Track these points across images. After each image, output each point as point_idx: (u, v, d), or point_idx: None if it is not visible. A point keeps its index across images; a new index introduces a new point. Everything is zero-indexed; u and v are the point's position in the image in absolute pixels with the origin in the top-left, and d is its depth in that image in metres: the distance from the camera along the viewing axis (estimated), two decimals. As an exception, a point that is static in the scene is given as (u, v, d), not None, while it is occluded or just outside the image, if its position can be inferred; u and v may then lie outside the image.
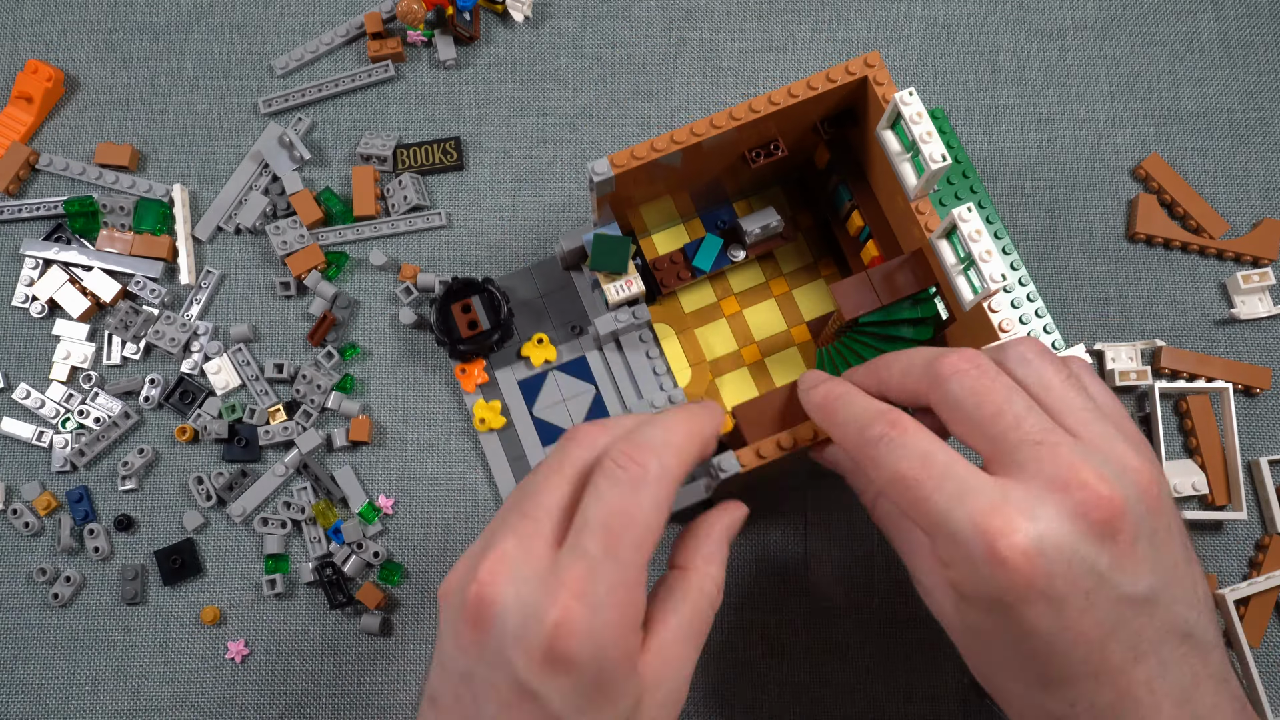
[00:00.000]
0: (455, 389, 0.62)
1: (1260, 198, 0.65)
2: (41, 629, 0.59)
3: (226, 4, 0.68)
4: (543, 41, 0.67)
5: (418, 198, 0.63)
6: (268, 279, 0.63)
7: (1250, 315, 0.62)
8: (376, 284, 0.63)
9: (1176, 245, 0.64)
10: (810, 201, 0.61)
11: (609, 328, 0.57)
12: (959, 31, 0.67)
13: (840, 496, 0.60)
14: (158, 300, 0.62)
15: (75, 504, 0.60)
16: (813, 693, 0.58)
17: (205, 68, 0.67)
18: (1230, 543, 0.60)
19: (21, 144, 0.64)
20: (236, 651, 0.58)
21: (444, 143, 0.64)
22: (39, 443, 0.61)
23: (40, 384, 0.62)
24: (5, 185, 0.63)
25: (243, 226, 0.63)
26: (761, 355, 0.60)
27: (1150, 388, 0.61)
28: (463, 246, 0.64)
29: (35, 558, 0.60)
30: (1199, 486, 0.60)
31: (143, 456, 0.60)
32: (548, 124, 0.65)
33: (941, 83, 0.66)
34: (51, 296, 0.62)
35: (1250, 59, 0.67)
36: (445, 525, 0.60)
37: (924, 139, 0.46)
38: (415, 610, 0.59)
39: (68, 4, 0.68)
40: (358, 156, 0.64)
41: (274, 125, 0.65)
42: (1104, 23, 0.67)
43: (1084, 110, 0.66)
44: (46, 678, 0.59)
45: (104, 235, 0.63)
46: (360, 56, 0.66)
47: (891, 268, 0.50)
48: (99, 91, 0.66)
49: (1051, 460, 0.35)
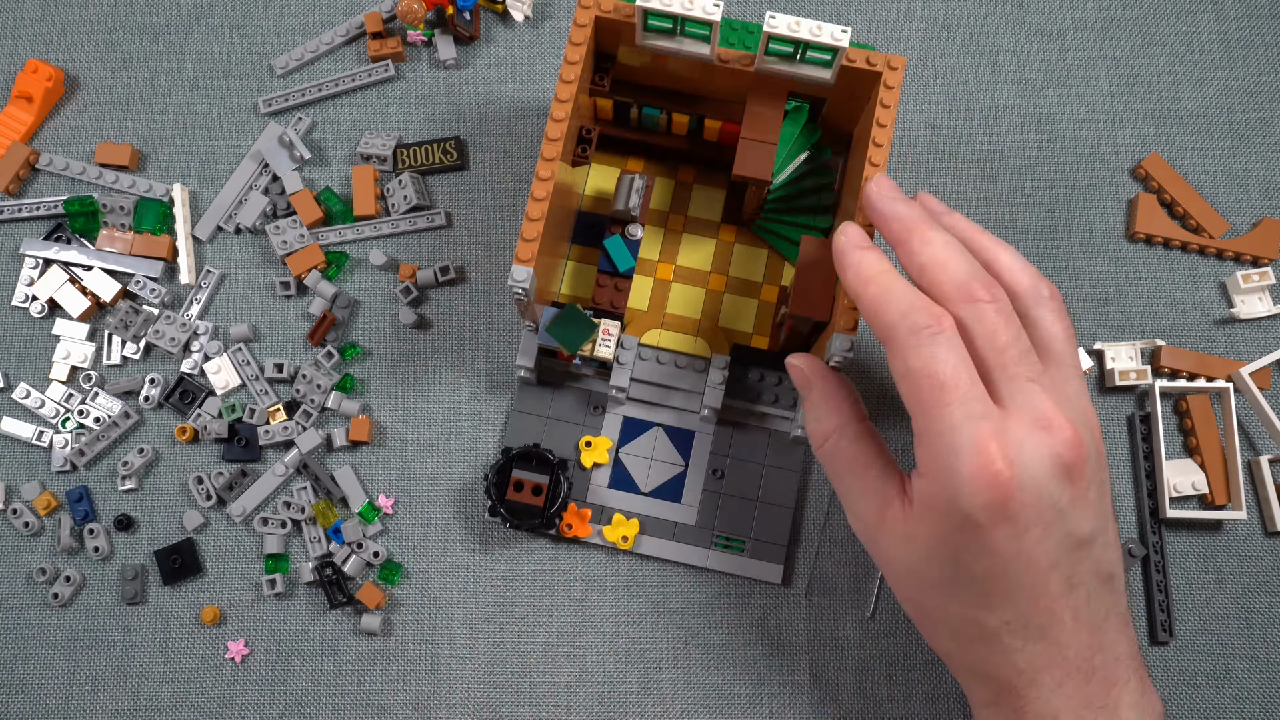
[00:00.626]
0: (455, 388, 0.62)
1: (1260, 197, 0.65)
2: (41, 629, 0.59)
3: (226, 4, 0.68)
4: (543, 41, 0.67)
5: (418, 197, 0.62)
6: (268, 279, 0.63)
7: (1250, 315, 0.62)
8: (376, 284, 0.63)
9: (1176, 245, 0.64)
10: (662, 156, 0.63)
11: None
12: (959, 31, 0.67)
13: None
14: (158, 300, 0.62)
15: (75, 504, 0.60)
16: (813, 693, 0.58)
17: (205, 68, 0.67)
18: (1230, 542, 0.60)
19: (22, 144, 0.64)
20: (236, 651, 0.58)
21: (444, 142, 0.64)
22: (39, 442, 0.61)
23: (40, 384, 0.62)
24: (5, 185, 0.63)
25: (243, 226, 0.63)
26: (722, 285, 0.62)
27: (1150, 387, 0.61)
28: (463, 246, 0.64)
29: (35, 558, 0.60)
30: (1199, 486, 0.60)
31: (143, 456, 0.60)
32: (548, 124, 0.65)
33: (941, 83, 0.66)
34: (51, 296, 0.62)
35: (1250, 59, 0.67)
36: (445, 525, 0.60)
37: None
38: (415, 610, 0.59)
39: (68, 3, 0.68)
40: (358, 156, 0.64)
41: (274, 125, 0.65)
42: (1104, 22, 0.67)
43: (1084, 110, 0.66)
44: (46, 678, 0.59)
45: (104, 235, 0.63)
46: (360, 56, 0.66)
47: (754, 114, 0.53)
48: (99, 91, 0.66)
49: (1040, 400, 0.39)
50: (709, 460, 0.59)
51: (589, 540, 0.58)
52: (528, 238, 0.48)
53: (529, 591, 0.59)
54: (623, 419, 0.60)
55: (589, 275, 0.61)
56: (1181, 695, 0.58)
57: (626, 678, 0.58)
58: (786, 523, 0.59)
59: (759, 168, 0.53)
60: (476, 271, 0.63)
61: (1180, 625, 0.59)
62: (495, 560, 0.60)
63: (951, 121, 0.66)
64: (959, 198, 0.64)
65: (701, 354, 0.60)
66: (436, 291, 0.63)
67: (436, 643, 0.59)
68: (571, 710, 0.58)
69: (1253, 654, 0.59)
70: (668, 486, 0.59)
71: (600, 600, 0.59)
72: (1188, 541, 0.60)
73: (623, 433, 0.60)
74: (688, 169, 0.63)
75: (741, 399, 0.59)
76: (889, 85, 0.49)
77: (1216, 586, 0.60)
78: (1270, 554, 0.60)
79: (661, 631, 0.59)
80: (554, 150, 0.49)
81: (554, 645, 0.59)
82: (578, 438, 0.59)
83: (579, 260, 0.61)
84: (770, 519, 0.59)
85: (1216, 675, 0.59)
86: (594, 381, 0.60)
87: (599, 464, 0.59)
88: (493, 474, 0.56)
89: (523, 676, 0.58)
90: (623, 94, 0.57)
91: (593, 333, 0.55)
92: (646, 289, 0.61)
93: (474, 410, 0.61)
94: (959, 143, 0.65)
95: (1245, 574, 0.60)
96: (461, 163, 0.64)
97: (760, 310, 0.61)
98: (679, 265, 0.62)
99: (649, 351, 0.59)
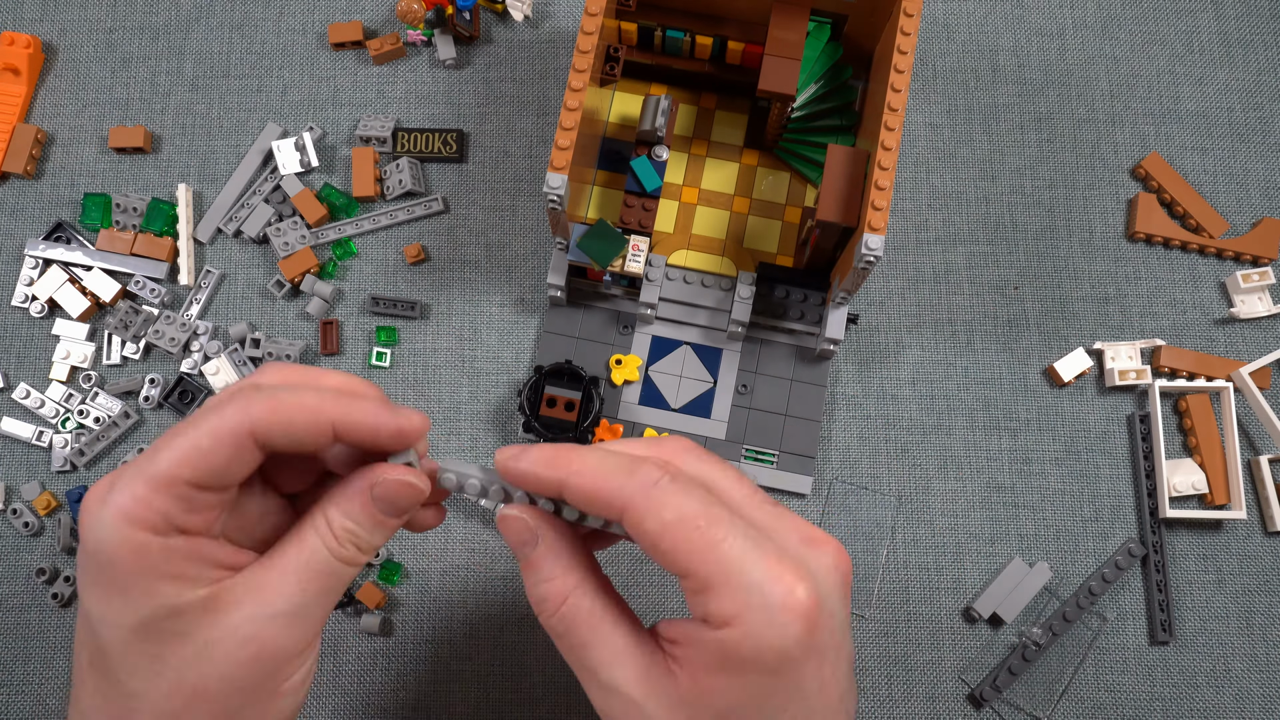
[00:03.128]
0: (456, 387, 0.62)
1: (1260, 197, 0.65)
2: (41, 629, 0.59)
3: (226, 4, 0.68)
4: (543, 41, 0.67)
5: (413, 183, 0.63)
6: (268, 279, 0.63)
7: (1250, 314, 0.62)
8: (377, 279, 0.63)
9: (1176, 244, 0.64)
10: (685, 82, 0.64)
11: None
12: (959, 31, 0.67)
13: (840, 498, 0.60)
14: (157, 300, 0.62)
15: (75, 504, 0.60)
16: (813, 692, 0.58)
17: (205, 68, 0.67)
18: (1230, 542, 0.60)
19: (24, 123, 0.64)
20: (236, 651, 0.58)
21: (445, 133, 0.64)
22: (39, 442, 0.61)
23: (40, 384, 0.62)
24: (23, 167, 0.63)
25: (247, 235, 0.63)
26: (746, 208, 0.63)
27: (1150, 387, 0.61)
28: (463, 246, 0.64)
29: (35, 558, 0.60)
30: (1198, 486, 0.60)
31: (143, 456, 0.60)
32: (548, 124, 0.65)
33: (941, 83, 0.66)
34: (51, 296, 0.62)
35: (1250, 58, 0.67)
36: (445, 524, 0.60)
37: None
38: (415, 610, 0.59)
39: (68, 3, 0.68)
40: (357, 139, 0.64)
41: (273, 125, 0.65)
42: (1104, 22, 0.67)
43: (1084, 109, 0.66)
44: (47, 677, 0.59)
45: (104, 235, 0.63)
46: (362, 56, 0.66)
47: (778, 31, 0.55)
48: (99, 91, 0.66)
49: (793, 520, 0.35)
50: (737, 376, 0.61)
51: None
52: (562, 146, 0.50)
53: (529, 591, 0.59)
54: (651, 338, 0.61)
55: (615, 200, 0.63)
56: (1181, 695, 0.58)
57: (626, 677, 0.58)
58: (815, 436, 0.60)
59: (784, 83, 0.55)
60: (476, 271, 0.63)
61: (1180, 625, 0.59)
62: (495, 560, 0.60)
63: (951, 121, 0.66)
64: (959, 198, 0.64)
65: (728, 273, 0.61)
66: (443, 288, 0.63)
67: (436, 643, 0.59)
68: (571, 710, 0.58)
69: (1253, 654, 0.59)
70: (697, 403, 0.61)
71: (600, 600, 0.59)
72: (1187, 541, 0.60)
73: (652, 351, 0.61)
74: (710, 95, 0.64)
75: (768, 315, 0.61)
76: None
77: (1216, 586, 0.60)
78: (1270, 554, 0.60)
79: (661, 631, 0.59)
80: (585, 63, 0.50)
81: (554, 645, 0.59)
82: (607, 356, 0.61)
83: (605, 185, 0.63)
84: (798, 432, 0.60)
85: (1216, 675, 0.59)
86: (622, 302, 0.62)
87: (629, 381, 0.61)
88: (527, 390, 0.58)
89: (523, 676, 0.58)
90: (648, 16, 0.58)
91: (623, 247, 0.57)
92: (672, 212, 0.63)
93: (473, 411, 0.61)
94: (959, 143, 0.65)
95: (1245, 574, 0.60)
96: (460, 154, 0.64)
97: (784, 231, 0.62)
98: (703, 189, 0.63)
99: (676, 271, 0.61)
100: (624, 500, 0.34)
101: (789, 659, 0.33)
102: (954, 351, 0.62)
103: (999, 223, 0.64)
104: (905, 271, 0.63)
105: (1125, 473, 0.61)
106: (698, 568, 0.33)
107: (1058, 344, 0.62)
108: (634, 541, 0.35)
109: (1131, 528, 0.60)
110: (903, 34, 0.50)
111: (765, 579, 0.33)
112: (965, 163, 0.65)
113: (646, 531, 0.34)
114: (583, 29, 0.51)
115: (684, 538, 0.33)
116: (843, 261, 0.54)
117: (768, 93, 0.55)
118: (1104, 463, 0.61)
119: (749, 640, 0.33)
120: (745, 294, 0.59)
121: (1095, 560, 0.60)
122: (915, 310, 0.63)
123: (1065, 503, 0.60)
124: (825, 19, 0.59)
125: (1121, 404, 0.62)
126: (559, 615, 0.37)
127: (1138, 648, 0.59)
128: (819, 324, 0.60)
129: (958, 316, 0.63)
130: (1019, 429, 0.61)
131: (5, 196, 0.65)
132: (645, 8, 0.58)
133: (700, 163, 0.64)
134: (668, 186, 0.63)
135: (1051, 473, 0.61)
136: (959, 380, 0.62)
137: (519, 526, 0.37)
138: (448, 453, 0.61)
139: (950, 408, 0.62)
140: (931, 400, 0.62)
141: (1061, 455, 0.61)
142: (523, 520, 0.37)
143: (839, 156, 0.52)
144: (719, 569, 0.33)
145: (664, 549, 0.33)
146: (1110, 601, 0.59)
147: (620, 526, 0.35)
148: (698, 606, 0.34)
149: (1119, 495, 0.61)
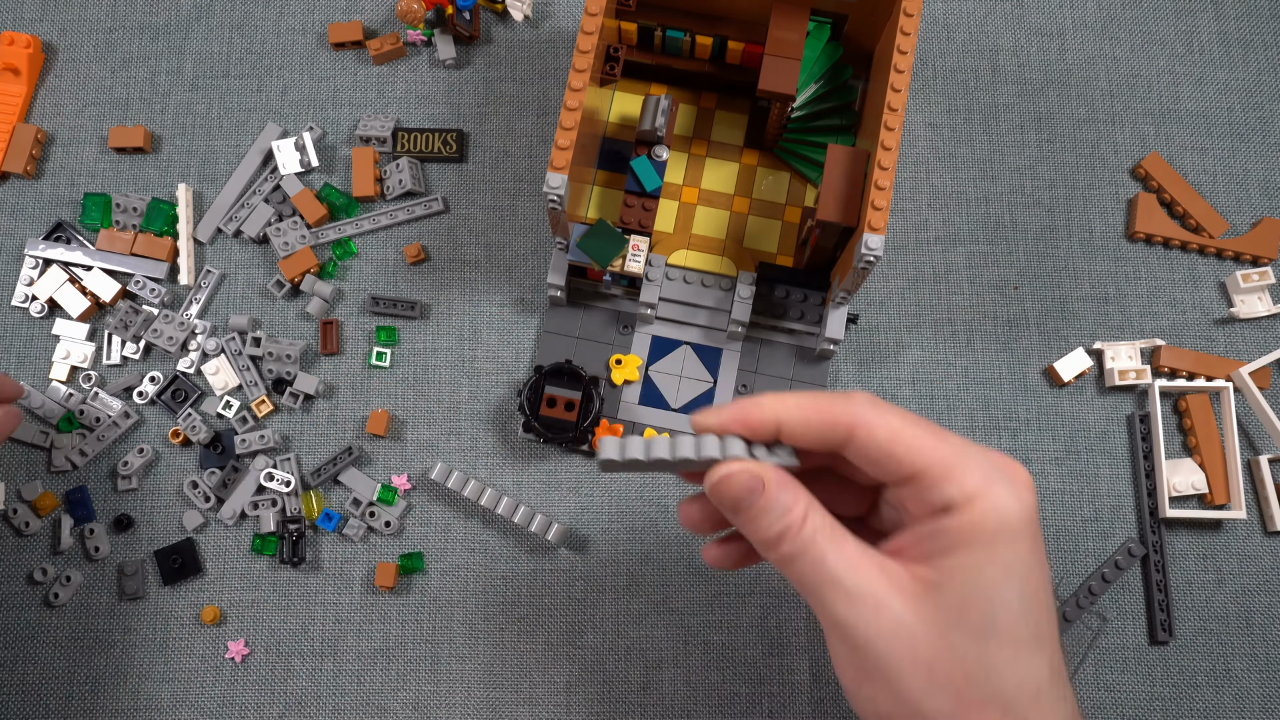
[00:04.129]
0: (456, 387, 0.62)
1: (1260, 197, 0.65)
2: (41, 629, 0.59)
3: (226, 4, 0.68)
4: (543, 41, 0.67)
5: (413, 183, 0.63)
6: (268, 279, 0.63)
7: (1250, 314, 0.62)
8: (377, 279, 0.63)
9: (1176, 244, 0.64)
10: (685, 82, 0.64)
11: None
12: (959, 31, 0.67)
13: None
14: (157, 300, 0.62)
15: (75, 504, 0.60)
16: (813, 693, 0.58)
17: (205, 68, 0.67)
18: (1230, 542, 0.60)
19: (24, 123, 0.64)
20: (236, 651, 0.58)
21: (445, 133, 0.64)
22: (39, 443, 0.61)
23: (40, 384, 0.62)
24: (23, 167, 0.63)
25: (248, 235, 0.63)
26: (746, 209, 0.63)
27: (1150, 387, 0.61)
28: (463, 246, 0.64)
29: (35, 558, 0.60)
30: (1198, 486, 0.60)
31: (142, 456, 0.60)
32: (548, 124, 0.65)
33: (941, 83, 0.66)
34: (51, 296, 0.62)
35: (1250, 58, 0.67)
36: (445, 524, 0.60)
37: None
38: (415, 610, 0.59)
39: (68, 3, 0.68)
40: (357, 139, 0.64)
41: (273, 125, 0.65)
42: (1104, 22, 0.67)
43: (1084, 110, 0.66)
44: (46, 678, 0.59)
45: (104, 235, 0.63)
46: (362, 56, 0.66)
47: (778, 31, 0.55)
48: (99, 91, 0.66)
49: (988, 453, 0.39)
50: (737, 376, 0.61)
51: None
52: (562, 145, 0.50)
53: (529, 591, 0.59)
54: (651, 338, 0.61)
55: (615, 200, 0.63)
56: (1181, 695, 0.58)
57: (626, 678, 0.58)
58: None
59: (784, 82, 0.55)
60: (476, 271, 0.63)
61: (1180, 625, 0.59)
62: (495, 560, 0.60)
63: (951, 121, 0.66)
64: (959, 198, 0.64)
65: (728, 273, 0.61)
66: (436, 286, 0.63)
67: (436, 643, 0.59)
68: (571, 710, 0.58)
69: (1252, 653, 0.59)
70: (697, 403, 0.61)
71: (600, 600, 0.59)
72: (1187, 541, 0.60)
73: (651, 351, 0.61)
74: (710, 95, 0.64)
75: (768, 315, 0.61)
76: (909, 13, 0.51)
77: (1216, 586, 0.60)
78: (1270, 554, 0.60)
79: (661, 631, 0.59)
80: (585, 63, 0.50)
81: (554, 645, 0.59)
82: (607, 356, 0.61)
83: (605, 185, 0.63)
84: None
85: (1216, 675, 0.59)
86: (622, 302, 0.62)
87: (629, 381, 0.61)
88: (527, 390, 0.58)
89: (523, 676, 0.58)
90: (648, 16, 0.58)
91: (623, 247, 0.57)
92: (672, 212, 0.63)
93: (473, 411, 0.61)
94: (959, 143, 0.65)
95: (1245, 574, 0.60)
96: (460, 154, 0.64)
97: (784, 231, 0.62)
98: (703, 188, 0.63)
99: (676, 271, 0.61)
100: (850, 417, 0.38)
101: (1030, 523, 0.37)
102: (954, 351, 0.62)
103: (999, 223, 0.64)
104: (905, 271, 0.63)
105: (1125, 473, 0.61)
106: (932, 461, 0.37)
107: (1058, 344, 0.62)
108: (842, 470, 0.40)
109: (1131, 527, 0.60)
110: (903, 34, 0.50)
111: (997, 460, 0.37)
112: (965, 163, 0.65)
113: (880, 441, 0.37)
114: (583, 29, 0.51)
115: (914, 436, 0.37)
116: (843, 261, 0.54)
117: (768, 93, 0.55)
118: (1104, 463, 0.61)
119: (995, 511, 0.36)
120: (745, 294, 0.59)
121: (1095, 560, 0.60)
122: (915, 310, 0.63)
123: (1065, 502, 0.60)
124: (825, 19, 0.59)
125: (1121, 404, 0.62)
126: (801, 536, 0.39)
127: (1137, 647, 0.59)
128: (819, 324, 0.60)
129: (958, 316, 0.63)
130: (1019, 429, 0.61)
131: (5, 196, 0.65)
132: (645, 8, 0.58)
133: (700, 163, 0.64)
134: (668, 186, 0.63)
135: (1051, 472, 0.61)
136: (959, 380, 0.62)
137: (744, 477, 0.39)
138: (448, 453, 0.61)
139: (950, 407, 0.62)
140: (931, 400, 0.62)
141: (1061, 455, 0.61)
142: (746, 469, 0.39)
143: (839, 156, 0.52)
144: (955, 456, 0.37)
145: (899, 452, 0.37)
146: (1110, 601, 0.59)
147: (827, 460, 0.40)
148: (936, 497, 0.37)
149: (1119, 495, 0.61)
